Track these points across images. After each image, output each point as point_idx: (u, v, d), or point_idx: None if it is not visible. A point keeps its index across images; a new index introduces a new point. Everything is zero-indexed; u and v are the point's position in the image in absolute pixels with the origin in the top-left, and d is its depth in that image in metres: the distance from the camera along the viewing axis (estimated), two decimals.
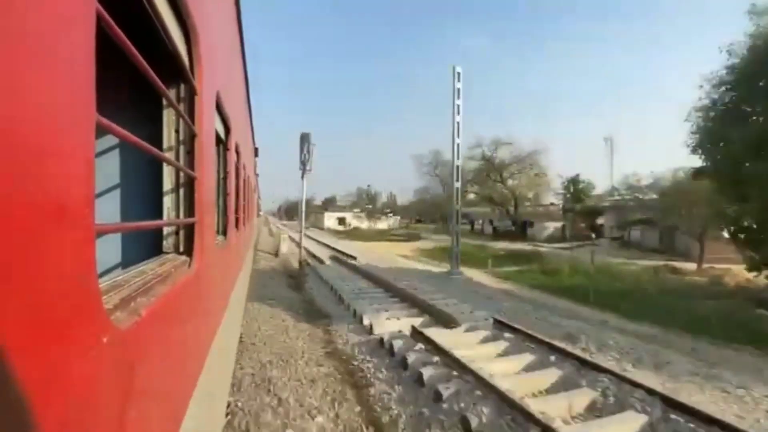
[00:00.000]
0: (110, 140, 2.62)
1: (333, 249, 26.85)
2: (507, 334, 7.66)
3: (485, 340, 7.48)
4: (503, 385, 5.01)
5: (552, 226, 41.62)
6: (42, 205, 0.59)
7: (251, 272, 11.48)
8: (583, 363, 6.14)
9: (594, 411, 4.96)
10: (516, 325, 8.00)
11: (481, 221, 53.25)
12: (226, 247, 3.39)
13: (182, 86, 1.80)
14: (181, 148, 1.83)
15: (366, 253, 24.89)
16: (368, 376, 5.89)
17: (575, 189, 44.03)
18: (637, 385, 5.28)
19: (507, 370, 5.97)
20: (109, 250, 2.62)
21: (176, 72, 1.69)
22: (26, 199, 0.55)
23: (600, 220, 39.79)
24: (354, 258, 21.11)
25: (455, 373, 5.62)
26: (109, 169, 2.66)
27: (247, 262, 9.30)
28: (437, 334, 7.22)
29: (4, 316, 0.51)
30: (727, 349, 8.61)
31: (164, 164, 1.82)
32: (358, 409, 4.89)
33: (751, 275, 14.79)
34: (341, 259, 20.88)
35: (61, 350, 0.63)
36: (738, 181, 12.76)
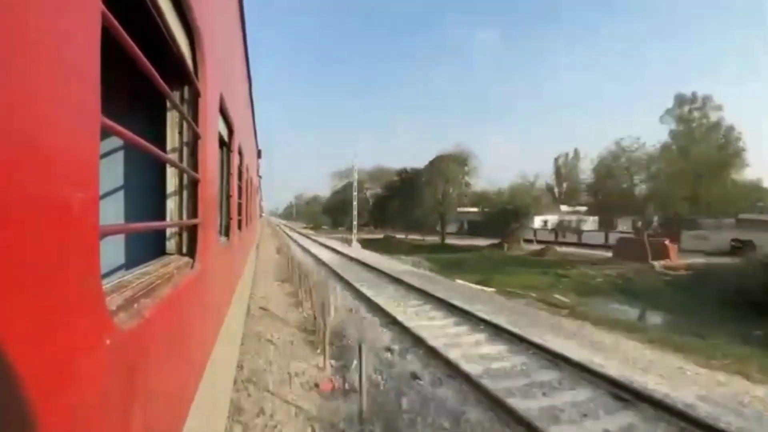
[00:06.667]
0: (114, 142, 2.64)
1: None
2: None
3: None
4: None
5: None
6: (47, 206, 0.59)
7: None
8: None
9: None
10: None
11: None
12: (228, 248, 3.40)
13: (186, 88, 1.81)
14: (185, 150, 1.84)
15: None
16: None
17: None
18: None
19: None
20: (113, 251, 2.63)
21: (180, 74, 1.70)
22: (31, 200, 0.56)
23: None
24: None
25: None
26: (113, 171, 2.68)
27: (249, 263, 9.32)
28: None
29: (8, 317, 0.51)
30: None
31: (168, 166, 1.83)
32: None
33: None
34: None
35: (64, 351, 0.63)
36: None
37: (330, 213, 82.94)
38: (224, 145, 3.34)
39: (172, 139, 1.82)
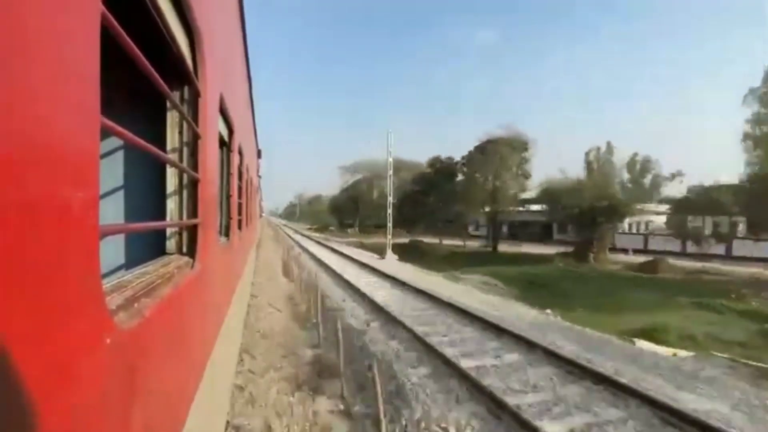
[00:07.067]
0: (114, 142, 2.64)
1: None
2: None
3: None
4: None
5: None
6: (47, 206, 0.60)
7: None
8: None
9: None
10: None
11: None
12: (228, 248, 3.40)
13: (186, 88, 1.81)
14: (185, 150, 1.84)
15: None
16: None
17: None
18: None
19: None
20: (113, 251, 2.63)
21: (180, 74, 1.70)
22: (31, 200, 0.56)
23: None
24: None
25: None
26: (113, 171, 2.68)
27: (250, 263, 9.32)
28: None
29: (9, 317, 0.51)
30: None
31: (168, 166, 1.83)
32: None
33: None
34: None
35: (64, 351, 0.63)
36: None
37: (336, 213, 74.61)
38: (224, 145, 3.34)
39: (172, 139, 1.82)
